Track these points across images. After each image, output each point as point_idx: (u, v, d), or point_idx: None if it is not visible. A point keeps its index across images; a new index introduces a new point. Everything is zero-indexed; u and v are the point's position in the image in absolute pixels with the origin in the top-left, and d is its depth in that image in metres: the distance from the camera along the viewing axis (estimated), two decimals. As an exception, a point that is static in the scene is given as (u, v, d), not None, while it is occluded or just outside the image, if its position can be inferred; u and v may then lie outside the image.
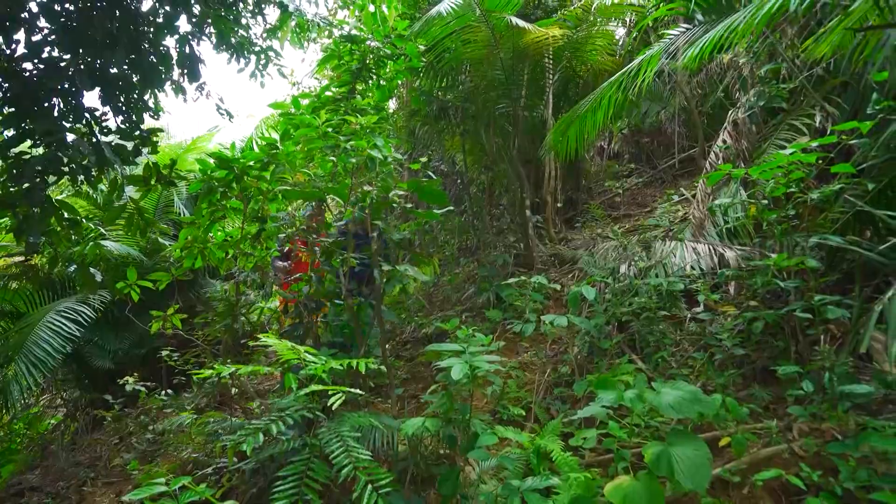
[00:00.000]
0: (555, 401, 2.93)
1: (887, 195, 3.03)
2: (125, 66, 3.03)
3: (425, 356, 2.71)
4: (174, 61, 3.45)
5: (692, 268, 3.62)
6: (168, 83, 3.66)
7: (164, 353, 4.26)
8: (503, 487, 1.73)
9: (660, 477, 1.83)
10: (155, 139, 3.18)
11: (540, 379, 3.13)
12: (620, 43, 7.34)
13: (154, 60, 3.26)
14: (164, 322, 3.17)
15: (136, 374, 4.64)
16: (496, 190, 6.60)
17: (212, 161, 2.90)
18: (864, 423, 1.92)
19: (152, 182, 3.18)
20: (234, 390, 4.02)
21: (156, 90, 3.52)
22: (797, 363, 2.36)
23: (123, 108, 3.10)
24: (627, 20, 7.29)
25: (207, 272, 6.45)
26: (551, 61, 5.36)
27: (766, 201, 2.85)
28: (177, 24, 3.15)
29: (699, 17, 2.84)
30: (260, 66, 4.36)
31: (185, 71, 3.59)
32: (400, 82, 6.56)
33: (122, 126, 3.08)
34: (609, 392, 1.96)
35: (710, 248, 3.72)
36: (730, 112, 4.50)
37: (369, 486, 1.63)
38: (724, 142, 4.30)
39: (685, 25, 3.04)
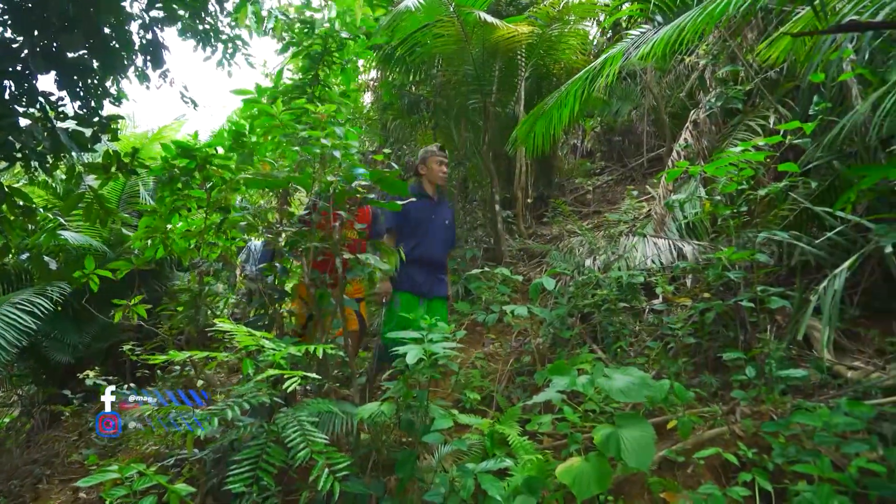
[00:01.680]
0: (516, 389, 3.00)
1: (832, 194, 3.20)
2: (84, 51, 2.95)
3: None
4: (137, 47, 3.38)
5: (653, 262, 3.74)
6: (132, 69, 3.58)
7: (127, 346, 4.17)
8: (457, 469, 1.78)
9: (610, 458, 1.91)
10: (115, 126, 3.11)
11: (503, 369, 3.20)
12: (595, 42, 7.47)
13: (116, 45, 3.19)
14: (126, 312, 3.11)
15: (97, 368, 4.52)
16: (469, 185, 6.66)
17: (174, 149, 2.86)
18: (798, 404, 2.05)
19: (112, 170, 3.11)
20: (199, 383, 3.97)
21: (118, 76, 3.44)
22: (744, 351, 2.48)
23: (82, 94, 3.02)
24: (602, 19, 7.42)
25: (174, 264, 6.32)
26: (524, 58, 5.44)
27: (719, 198, 2.98)
28: (134, 9, 3.08)
29: (658, 18, 2.94)
30: (227, 55, 4.29)
31: (149, 57, 3.52)
32: (372, 75, 6.51)
33: (80, 112, 3.00)
34: (563, 378, 2.03)
35: (670, 243, 3.85)
36: (692, 112, 4.66)
37: (326, 470, 1.65)
38: (686, 141, 4.45)
39: (646, 26, 3.14)
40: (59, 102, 2.87)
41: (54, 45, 2.73)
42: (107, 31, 3.11)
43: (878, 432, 1.74)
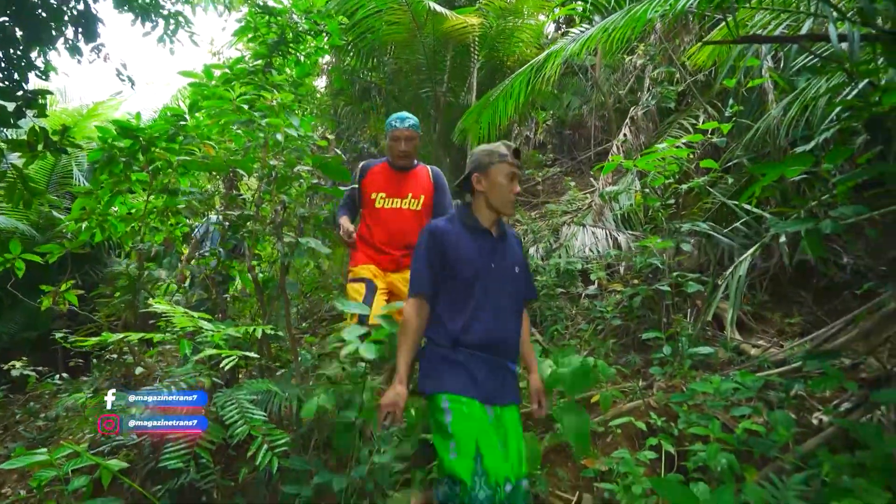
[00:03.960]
0: (459, 371, 3.13)
1: (747, 189, 3.51)
2: (6, 19, 2.79)
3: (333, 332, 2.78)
4: (67, 18, 3.21)
5: (590, 250, 3.97)
6: (61, 41, 3.39)
7: (59, 335, 3.98)
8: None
9: (539, 431, 2.06)
10: (42, 101, 2.95)
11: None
12: (549, 36, 7.65)
13: (42, 15, 3.02)
14: (56, 298, 2.98)
15: (25, 358, 4.29)
16: (422, 174, 6.70)
17: (113, 129, 2.74)
18: (705, 378, 2.27)
19: (39, 148, 2.96)
20: (138, 370, 3.86)
21: (45, 48, 3.25)
22: (664, 332, 2.71)
23: (3, 65, 2.86)
24: (555, 13, 7.59)
25: (112, 249, 6.05)
26: (476, 50, 5.52)
27: (647, 190, 3.20)
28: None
29: (596, 18, 3.11)
30: (168, 32, 4.12)
31: (80, 29, 3.35)
32: (325, 59, 6.41)
33: (2, 84, 2.84)
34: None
35: (606, 233, 4.09)
36: (631, 109, 4.92)
37: (265, 446, 1.71)
38: (625, 136, 4.70)
39: (586, 25, 3.30)
40: (-23, 74, 2.70)
41: (-29, 12, 2.57)
42: (32, -2, 2.94)
43: (766, 399, 1.98)
